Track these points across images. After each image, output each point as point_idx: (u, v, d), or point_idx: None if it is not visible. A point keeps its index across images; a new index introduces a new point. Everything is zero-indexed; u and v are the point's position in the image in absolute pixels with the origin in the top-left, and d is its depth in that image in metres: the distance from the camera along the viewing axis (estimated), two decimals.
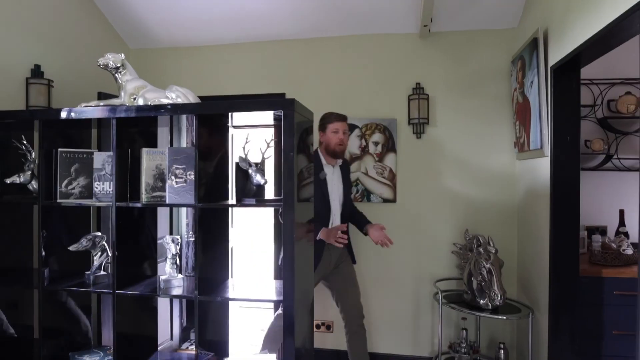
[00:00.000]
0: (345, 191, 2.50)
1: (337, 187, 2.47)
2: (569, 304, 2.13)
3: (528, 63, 2.35)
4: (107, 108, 1.72)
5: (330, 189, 2.42)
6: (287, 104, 1.53)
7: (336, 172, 2.49)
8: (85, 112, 1.72)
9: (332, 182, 2.45)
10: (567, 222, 2.12)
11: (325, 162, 2.45)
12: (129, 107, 1.70)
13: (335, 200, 2.44)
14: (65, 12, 2.60)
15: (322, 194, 2.36)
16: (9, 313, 2.02)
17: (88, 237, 1.85)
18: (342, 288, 2.48)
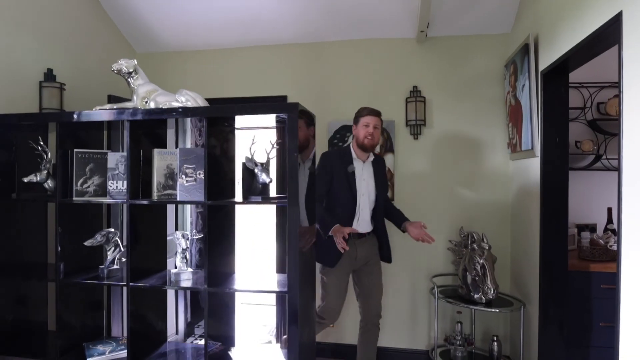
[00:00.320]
0: (377, 188, 2.47)
1: (368, 182, 2.44)
2: (558, 297, 2.24)
3: (520, 67, 2.46)
4: (123, 111, 1.82)
5: (358, 184, 2.41)
6: (291, 107, 1.64)
7: (367, 168, 2.47)
8: (103, 115, 1.83)
9: (362, 176, 2.43)
10: (556, 219, 2.23)
11: (356, 156, 2.45)
12: (145, 110, 1.80)
13: (364, 195, 2.42)
14: (75, 17, 2.70)
15: (348, 187, 2.37)
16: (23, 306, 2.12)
17: (102, 233, 1.95)
18: (368, 286, 2.49)
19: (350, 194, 2.38)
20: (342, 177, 2.39)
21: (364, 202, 2.43)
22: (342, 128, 3.03)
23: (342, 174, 2.39)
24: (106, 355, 1.91)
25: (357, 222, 2.41)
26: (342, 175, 2.39)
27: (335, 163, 2.42)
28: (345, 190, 2.37)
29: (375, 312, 2.49)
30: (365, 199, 2.43)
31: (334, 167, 2.40)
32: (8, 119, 1.98)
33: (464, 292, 2.54)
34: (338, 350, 3.00)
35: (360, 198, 2.41)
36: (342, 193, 2.39)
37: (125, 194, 1.84)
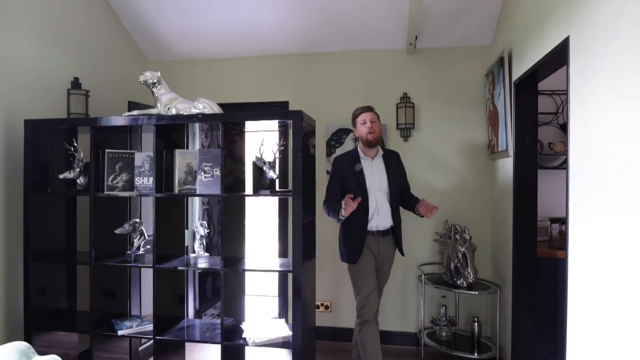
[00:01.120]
0: (390, 181, 2.51)
1: (379, 177, 2.50)
2: (528, 280, 2.54)
3: (497, 77, 2.77)
4: (150, 116, 2.11)
5: (369, 181, 2.47)
6: (296, 114, 1.93)
7: (377, 163, 2.53)
8: (135, 120, 2.11)
9: (372, 173, 2.50)
10: (526, 212, 2.53)
11: (363, 155, 2.52)
12: (170, 116, 2.09)
13: (377, 191, 2.47)
14: (97, 30, 2.98)
15: (358, 185, 2.44)
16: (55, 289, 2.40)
17: (130, 222, 2.24)
18: (380, 283, 2.56)
19: (361, 192, 2.43)
20: (352, 178, 2.47)
21: (380, 197, 2.48)
22: (338, 131, 3.33)
23: (351, 175, 2.47)
24: (134, 329, 2.19)
25: (378, 218, 2.46)
26: (352, 175, 2.47)
27: (344, 165, 2.51)
28: (356, 189, 2.43)
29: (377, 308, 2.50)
30: (379, 194, 2.48)
31: (343, 170, 2.50)
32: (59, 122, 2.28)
33: (448, 278, 2.84)
34: (334, 333, 3.29)
35: (375, 194, 2.47)
36: (353, 192, 2.42)
37: (151, 188, 2.13)
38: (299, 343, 1.93)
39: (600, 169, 1.50)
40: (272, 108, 3.41)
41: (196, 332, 2.20)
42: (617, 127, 1.39)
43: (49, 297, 2.35)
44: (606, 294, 1.44)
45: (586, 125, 1.62)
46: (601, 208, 1.49)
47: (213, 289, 4.13)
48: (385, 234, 2.51)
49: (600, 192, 1.50)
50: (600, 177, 1.50)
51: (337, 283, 3.29)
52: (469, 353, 2.77)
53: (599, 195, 1.51)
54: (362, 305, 2.45)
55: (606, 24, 1.45)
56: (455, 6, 2.85)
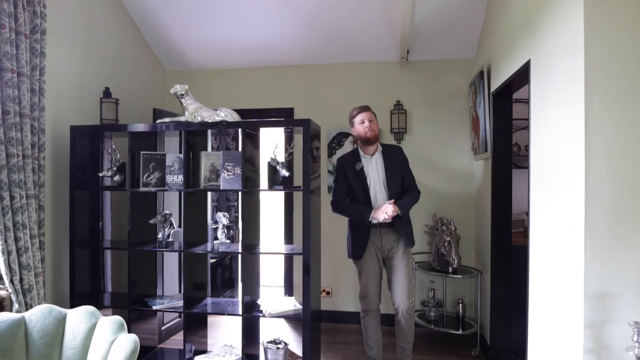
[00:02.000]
0: (388, 175, 2.61)
1: (379, 173, 2.62)
2: (504, 266, 2.91)
3: (478, 88, 3.15)
4: (180, 123, 2.47)
5: (369, 177, 2.61)
6: (305, 122, 2.31)
7: (376, 160, 2.65)
8: (168, 126, 2.48)
9: (372, 170, 2.63)
10: (502, 206, 2.91)
11: (363, 153, 2.67)
12: (199, 122, 2.45)
13: (377, 186, 2.61)
14: (123, 45, 3.34)
15: (360, 183, 2.60)
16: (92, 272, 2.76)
17: (162, 214, 2.60)
18: (392, 280, 2.64)
19: (362, 189, 2.59)
20: (353, 176, 2.63)
21: (380, 193, 2.61)
22: (338, 134, 3.71)
23: (353, 173, 2.63)
24: (165, 305, 2.56)
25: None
26: (353, 174, 2.63)
27: (345, 165, 2.67)
28: (358, 187, 2.60)
29: (397, 304, 2.58)
30: (379, 190, 2.61)
31: (345, 169, 2.67)
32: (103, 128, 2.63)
33: (435, 264, 3.22)
34: (334, 315, 3.66)
35: (375, 189, 2.61)
36: (357, 190, 2.62)
37: (180, 184, 2.50)
38: (308, 314, 2.30)
39: (549, 166, 1.88)
40: (279, 113, 3.78)
41: (219, 307, 2.57)
42: (557, 132, 1.77)
43: (89, 279, 2.71)
44: (554, 274, 1.83)
45: (541, 132, 2.00)
46: (549, 199, 1.87)
47: (222, 279, 4.49)
48: (389, 226, 2.61)
49: (548, 186, 1.89)
50: (549, 173, 1.88)
51: (336, 272, 3.66)
52: (454, 330, 3.15)
53: (548, 188, 1.89)
54: (363, 295, 2.65)
55: (553, 53, 1.83)
56: (442, 24, 3.23)
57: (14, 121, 2.19)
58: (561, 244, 1.75)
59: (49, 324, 1.75)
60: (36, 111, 2.34)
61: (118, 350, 1.63)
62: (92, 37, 2.99)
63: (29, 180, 2.27)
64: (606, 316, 1.50)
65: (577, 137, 1.58)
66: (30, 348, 1.70)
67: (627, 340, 1.41)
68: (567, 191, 1.69)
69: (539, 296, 2.02)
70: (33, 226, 2.29)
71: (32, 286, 2.25)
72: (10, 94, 2.17)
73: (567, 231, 1.68)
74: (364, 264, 2.64)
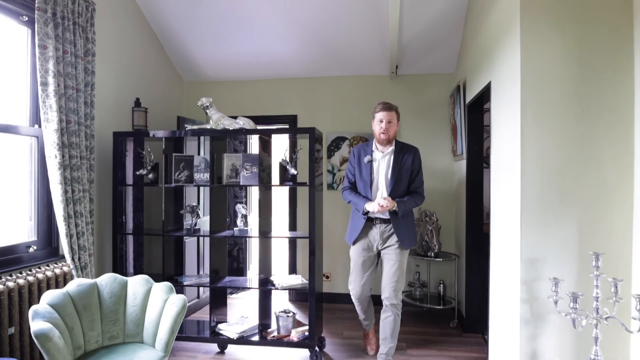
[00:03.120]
0: (394, 176, 2.68)
1: (385, 170, 2.72)
2: (478, 251, 3.45)
3: (456, 99, 3.70)
4: (207, 130, 2.99)
5: (376, 171, 2.73)
6: (311, 130, 2.83)
7: (386, 157, 2.74)
8: (197, 132, 2.99)
9: (381, 165, 2.74)
10: (475, 200, 3.45)
11: (375, 148, 2.77)
12: (222, 129, 2.96)
13: (381, 182, 2.73)
14: (149, 59, 3.84)
15: (365, 175, 2.73)
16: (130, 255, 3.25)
17: (190, 205, 3.11)
18: (383, 272, 2.77)
19: (365, 181, 2.71)
20: (362, 167, 2.75)
21: (382, 189, 2.72)
22: (336, 138, 4.23)
23: (362, 164, 2.75)
24: (193, 280, 3.07)
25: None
26: (363, 165, 2.74)
27: (359, 155, 2.80)
28: (363, 178, 2.72)
29: (385, 295, 2.70)
30: (382, 185, 2.71)
31: (357, 157, 2.81)
32: (143, 134, 3.12)
33: (420, 250, 3.76)
34: (333, 297, 4.18)
35: (378, 184, 2.73)
36: (361, 180, 2.73)
37: (207, 181, 3.01)
38: (313, 285, 2.82)
39: (501, 164, 2.42)
40: (284, 120, 4.30)
41: (237, 283, 3.08)
42: (506, 137, 2.30)
43: (128, 261, 3.21)
44: (502, 246, 2.36)
45: (497, 138, 2.54)
46: (501, 190, 2.41)
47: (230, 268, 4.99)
48: (385, 222, 2.71)
49: (500, 179, 2.42)
50: (501, 169, 2.42)
51: (335, 259, 4.17)
52: (437, 306, 3.69)
53: (500, 181, 2.43)
54: (350, 282, 2.86)
55: (504, 77, 2.37)
56: (426, 43, 3.77)
57: (74, 129, 2.69)
58: (506, 223, 2.28)
59: (115, 287, 2.25)
60: (88, 120, 2.83)
61: (171, 306, 2.14)
62: (125, 55, 3.49)
63: (84, 177, 2.77)
64: (535, 275, 2.04)
65: (516, 141, 2.12)
66: (102, 305, 2.21)
67: (549, 292, 1.94)
68: (510, 182, 2.22)
69: (495, 265, 2.55)
70: (87, 215, 2.78)
71: (86, 264, 2.74)
72: (72, 106, 2.67)
73: (510, 213, 2.22)
74: (354, 253, 2.80)
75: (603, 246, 1.97)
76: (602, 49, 2.00)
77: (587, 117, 2.01)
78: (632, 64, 1.98)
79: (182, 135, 3.03)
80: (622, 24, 1.99)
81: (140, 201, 3.30)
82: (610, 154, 1.99)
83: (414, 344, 3.24)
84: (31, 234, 2.69)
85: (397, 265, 2.70)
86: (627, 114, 1.98)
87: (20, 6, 2.56)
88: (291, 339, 2.88)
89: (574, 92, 2.03)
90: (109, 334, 2.17)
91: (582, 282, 1.98)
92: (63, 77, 2.61)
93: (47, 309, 1.92)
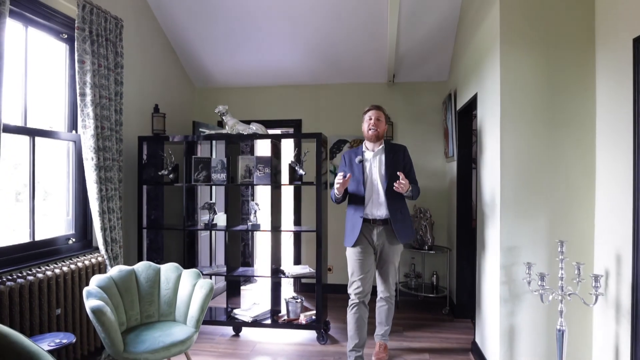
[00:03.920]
0: (388, 172, 2.69)
1: (378, 169, 2.74)
2: (467, 244, 3.80)
3: (448, 106, 4.05)
4: (223, 135, 3.32)
5: (368, 170, 2.74)
6: (318, 135, 3.17)
7: (377, 156, 2.76)
8: (215, 137, 3.32)
9: (372, 164, 2.75)
10: (465, 198, 3.81)
11: (366, 148, 2.81)
12: (237, 134, 3.30)
13: (374, 181, 2.73)
14: (166, 69, 4.17)
15: (357, 175, 2.74)
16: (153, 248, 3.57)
17: (208, 202, 3.44)
18: (380, 270, 2.86)
19: (357, 180, 2.73)
20: (354, 168, 2.77)
21: (375, 187, 2.72)
22: (338, 141, 4.58)
23: (354, 165, 2.77)
24: (211, 270, 3.39)
25: (372, 206, 2.72)
26: (355, 165, 2.77)
27: (349, 158, 2.84)
28: (356, 178, 2.74)
29: (380, 289, 2.89)
30: (376, 184, 2.72)
31: (347, 161, 2.84)
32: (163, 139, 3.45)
33: (415, 244, 4.11)
34: (336, 287, 4.52)
35: (372, 184, 2.73)
36: (354, 180, 2.73)
37: (223, 180, 3.34)
38: (320, 273, 3.16)
39: (485, 164, 2.77)
40: (289, 123, 4.64)
41: (251, 272, 3.42)
42: (489, 141, 2.65)
43: (152, 253, 3.53)
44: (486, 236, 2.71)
45: (483, 142, 2.89)
46: (485, 187, 2.76)
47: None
48: (384, 223, 2.73)
49: (484, 178, 2.78)
50: (485, 168, 2.77)
51: (337, 254, 4.51)
52: (430, 294, 4.04)
53: (484, 179, 2.78)
54: (351, 284, 2.76)
55: (488, 89, 2.72)
56: (421, 53, 4.12)
57: (107, 134, 3.01)
58: (488, 216, 2.63)
59: (150, 273, 2.58)
60: (118, 126, 3.16)
61: (199, 289, 2.47)
62: (146, 65, 3.82)
63: (115, 177, 3.09)
64: (513, 260, 2.39)
65: (496, 145, 2.48)
66: (140, 288, 2.53)
67: (524, 274, 2.29)
68: (491, 181, 2.58)
69: (480, 254, 2.91)
70: (117, 211, 3.11)
71: (117, 255, 3.07)
72: (105, 114, 3.00)
73: (492, 207, 2.57)
74: (353, 255, 2.75)
75: (569, 235, 2.33)
76: (568, 67, 2.36)
77: (556, 125, 2.37)
78: (593, 79, 2.34)
79: (201, 140, 3.36)
80: (585, 46, 2.34)
81: (161, 199, 3.62)
82: (575, 155, 2.35)
83: (409, 327, 3.59)
84: (69, 228, 3.01)
85: (392, 264, 2.82)
86: (590, 121, 2.34)
87: (61, 25, 2.88)
88: (300, 321, 3.21)
89: (544, 104, 2.38)
90: (146, 313, 2.50)
91: (552, 265, 2.34)
92: (98, 88, 2.94)
93: (97, 290, 2.25)
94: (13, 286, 2.27)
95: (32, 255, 2.63)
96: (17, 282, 2.31)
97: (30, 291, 2.37)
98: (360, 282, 2.72)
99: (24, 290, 2.33)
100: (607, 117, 2.22)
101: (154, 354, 2.14)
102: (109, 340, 2.09)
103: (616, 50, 2.12)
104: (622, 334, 2.03)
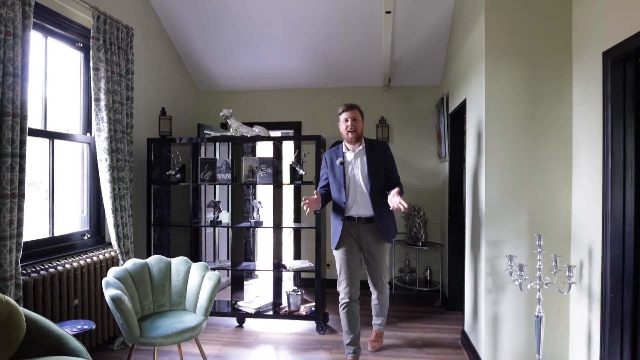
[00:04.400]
0: (370, 171, 2.67)
1: (360, 169, 2.71)
2: (458, 240, 4.01)
3: (440, 110, 4.26)
4: (227, 137, 3.52)
5: (349, 172, 2.71)
6: (317, 137, 3.38)
7: (358, 156, 2.73)
8: (219, 139, 3.52)
9: (354, 165, 2.72)
10: (456, 197, 4.02)
11: (346, 149, 2.77)
12: (241, 136, 3.50)
13: (357, 182, 2.70)
14: (171, 73, 4.37)
15: (338, 176, 2.73)
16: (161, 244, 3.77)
17: (213, 200, 3.65)
18: (369, 269, 2.90)
19: (339, 183, 2.73)
20: (335, 170, 2.74)
21: (359, 188, 2.71)
22: (336, 142, 4.77)
23: (335, 167, 2.74)
24: (216, 264, 3.60)
25: (357, 207, 2.74)
26: (336, 167, 2.74)
27: (330, 159, 2.82)
28: (337, 180, 2.74)
29: (374, 288, 2.95)
30: (359, 184, 2.70)
31: (329, 162, 2.82)
32: (170, 141, 3.65)
33: (410, 240, 4.32)
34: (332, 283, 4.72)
35: (354, 184, 2.71)
36: (335, 183, 2.74)
37: (228, 180, 3.54)
38: (319, 267, 3.37)
39: (472, 166, 2.98)
40: (289, 125, 4.84)
41: (255, 267, 3.62)
42: (476, 146, 2.86)
43: (159, 249, 3.73)
44: (472, 232, 2.92)
45: (470, 145, 3.10)
46: (472, 187, 2.97)
47: None
48: (369, 221, 2.75)
49: (472, 179, 2.99)
50: (472, 170, 2.98)
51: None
52: (423, 288, 4.26)
53: (472, 180, 2.99)
54: (339, 283, 2.80)
55: (475, 96, 2.93)
56: (416, 59, 4.33)
57: (120, 136, 3.21)
58: (475, 212, 2.85)
59: (161, 266, 2.78)
60: (129, 128, 3.36)
61: (208, 281, 2.67)
62: (153, 70, 4.01)
63: (126, 177, 3.29)
64: (496, 254, 2.61)
65: (482, 148, 2.69)
66: (152, 280, 2.73)
67: (506, 266, 2.50)
68: (477, 179, 2.79)
69: (468, 248, 3.12)
70: (128, 208, 3.30)
71: (128, 250, 3.27)
72: (118, 118, 3.20)
73: (478, 206, 2.78)
74: (340, 256, 2.78)
75: (548, 229, 2.54)
76: (547, 78, 2.57)
77: (536, 130, 2.58)
78: (570, 89, 2.55)
79: (206, 142, 3.56)
80: (563, 58, 2.55)
81: (168, 197, 3.82)
82: (554, 157, 2.56)
83: (404, 319, 3.80)
84: (84, 224, 3.21)
85: (382, 262, 2.84)
86: (567, 126, 2.55)
87: (77, 35, 3.08)
88: (300, 313, 3.42)
89: (526, 111, 2.59)
90: (158, 303, 2.70)
91: (532, 258, 2.55)
92: (111, 94, 3.13)
93: (115, 281, 2.45)
94: (37, 277, 2.47)
95: (52, 250, 2.83)
96: (40, 274, 2.51)
97: (52, 282, 2.57)
98: (348, 281, 2.76)
99: (46, 282, 2.53)
100: (582, 122, 2.43)
101: (167, 339, 2.34)
102: (127, 326, 2.29)
103: (589, 62, 2.33)
104: (594, 320, 2.24)
